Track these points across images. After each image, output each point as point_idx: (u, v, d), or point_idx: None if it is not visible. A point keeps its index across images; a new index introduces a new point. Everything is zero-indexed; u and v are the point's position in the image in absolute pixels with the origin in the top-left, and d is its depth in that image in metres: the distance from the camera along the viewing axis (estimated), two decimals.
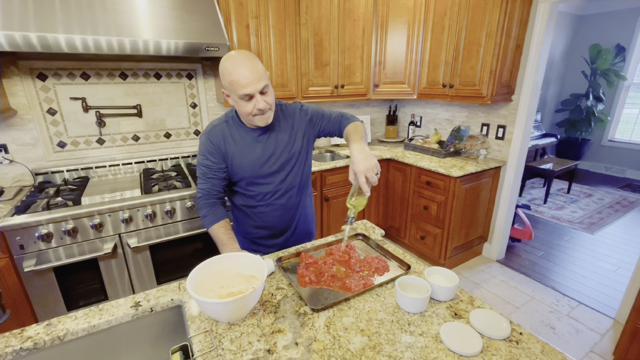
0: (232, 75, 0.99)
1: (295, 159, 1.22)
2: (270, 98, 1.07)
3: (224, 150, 1.15)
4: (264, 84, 1.01)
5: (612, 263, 2.75)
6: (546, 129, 5.29)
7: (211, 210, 1.16)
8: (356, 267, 1.05)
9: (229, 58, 1.02)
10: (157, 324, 0.92)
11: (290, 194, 1.25)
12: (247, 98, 1.02)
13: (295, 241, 1.35)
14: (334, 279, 1.00)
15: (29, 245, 1.50)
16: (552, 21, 2.21)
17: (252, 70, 0.99)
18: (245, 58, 1.00)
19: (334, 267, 1.05)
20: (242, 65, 0.99)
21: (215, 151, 1.14)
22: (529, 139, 2.47)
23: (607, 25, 4.75)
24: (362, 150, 1.00)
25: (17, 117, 1.84)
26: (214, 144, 1.14)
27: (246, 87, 0.99)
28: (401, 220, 2.81)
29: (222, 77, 1.04)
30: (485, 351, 0.74)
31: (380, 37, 2.69)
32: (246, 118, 1.09)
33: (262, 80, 1.01)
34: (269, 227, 1.28)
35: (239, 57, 1.01)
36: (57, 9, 1.49)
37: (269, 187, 1.21)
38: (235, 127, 1.16)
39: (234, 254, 0.94)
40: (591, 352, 1.85)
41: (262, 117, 1.08)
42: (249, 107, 1.04)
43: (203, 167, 1.16)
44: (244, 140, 1.16)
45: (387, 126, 3.38)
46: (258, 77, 1.00)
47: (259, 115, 1.07)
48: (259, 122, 1.09)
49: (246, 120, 1.11)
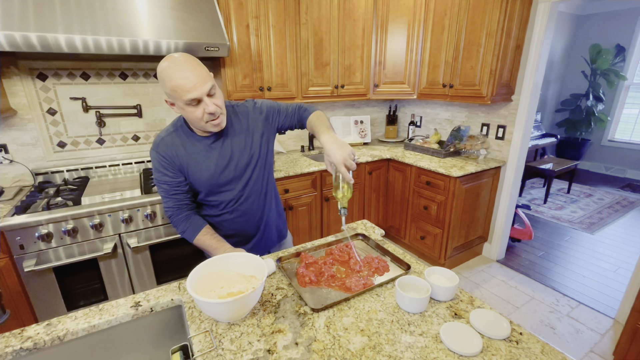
0: (174, 80, 0.90)
1: (255, 161, 1.15)
2: (220, 100, 0.99)
3: (178, 163, 1.06)
4: (210, 85, 0.94)
5: (612, 263, 2.75)
6: (546, 129, 5.29)
7: (188, 223, 1.10)
8: (356, 267, 1.05)
9: (168, 61, 0.92)
10: (157, 324, 0.92)
11: (253, 198, 1.19)
12: (195, 103, 0.94)
13: (265, 244, 1.30)
14: (334, 279, 1.00)
15: (29, 245, 1.50)
16: (552, 21, 2.21)
17: (195, 73, 0.91)
18: (186, 60, 0.92)
19: (334, 267, 1.05)
20: (183, 68, 0.91)
21: (169, 164, 1.06)
22: (529, 139, 2.47)
23: (607, 25, 4.75)
24: (335, 140, 0.98)
25: (17, 117, 1.84)
26: (167, 158, 1.05)
27: (191, 92, 0.91)
28: (401, 220, 2.81)
29: (162, 83, 0.94)
30: (485, 351, 0.74)
31: (380, 37, 2.69)
32: (197, 125, 1.00)
33: (208, 81, 0.94)
34: (236, 234, 1.22)
35: (179, 60, 0.92)
36: (57, 9, 1.49)
37: (230, 195, 1.14)
38: (185, 136, 1.07)
39: (234, 254, 0.94)
40: (591, 352, 1.85)
41: (215, 122, 0.99)
42: (198, 113, 0.95)
43: (163, 184, 1.08)
44: (196, 149, 1.07)
45: (387, 126, 3.38)
46: (203, 79, 0.92)
47: (211, 122, 0.99)
48: (211, 128, 1.01)
49: (197, 127, 1.02)
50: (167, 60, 0.93)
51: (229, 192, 1.14)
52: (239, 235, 1.24)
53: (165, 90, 0.95)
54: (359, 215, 2.78)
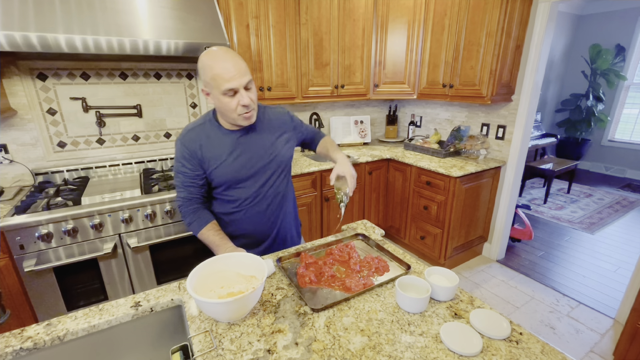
0: (215, 69, 0.96)
1: (277, 163, 1.18)
2: (254, 95, 1.04)
3: (200, 156, 1.09)
4: (248, 79, 0.99)
5: (612, 263, 2.75)
6: (546, 129, 5.29)
7: (195, 216, 1.12)
8: (356, 267, 1.05)
9: (209, 53, 0.98)
10: (157, 324, 0.92)
11: (269, 200, 1.20)
12: (231, 93, 0.98)
13: (278, 250, 1.29)
14: (334, 279, 1.00)
15: (29, 245, 1.50)
16: (552, 21, 2.21)
17: (235, 65, 0.96)
18: (227, 52, 0.98)
19: (334, 267, 1.05)
20: (224, 59, 0.96)
21: (191, 157, 1.08)
22: (529, 139, 2.47)
23: (607, 25, 4.75)
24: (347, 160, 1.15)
25: (17, 117, 1.84)
26: (189, 150, 1.08)
27: (230, 81, 0.95)
28: (401, 220, 2.81)
29: (202, 73, 0.99)
30: (485, 351, 0.74)
31: (380, 37, 2.69)
32: (229, 117, 1.04)
33: (246, 75, 0.98)
34: (246, 235, 1.22)
35: (221, 52, 0.97)
36: (57, 9, 1.49)
37: (247, 192, 1.16)
38: (212, 129, 1.10)
39: (234, 254, 0.94)
40: (591, 352, 1.85)
41: (247, 115, 1.03)
42: (232, 104, 0.99)
43: (180, 174, 1.11)
44: (222, 142, 1.10)
45: (387, 126, 3.38)
46: (242, 72, 0.97)
47: (243, 115, 1.03)
48: (242, 122, 1.05)
49: (229, 119, 1.06)
50: (209, 51, 0.99)
51: (245, 189, 1.16)
52: (249, 236, 1.23)
53: (204, 79, 1.00)
54: (359, 215, 2.78)
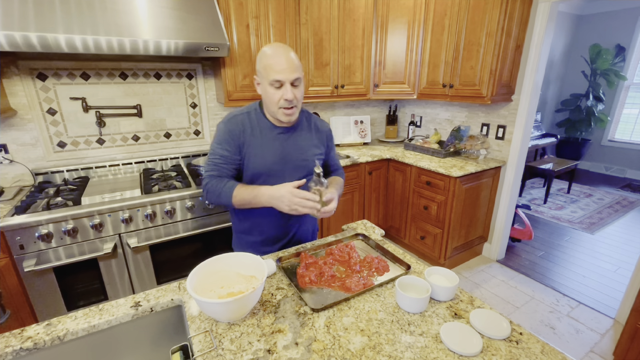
0: (269, 59, 1.02)
1: (308, 167, 1.21)
2: (300, 94, 1.07)
3: (242, 141, 1.12)
4: (296, 76, 1.03)
5: (612, 263, 2.75)
6: (546, 129, 5.29)
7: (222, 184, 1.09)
8: (356, 267, 1.05)
9: (269, 45, 1.06)
10: (157, 324, 0.92)
11: None
12: (277, 85, 1.03)
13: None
14: (334, 279, 1.00)
15: (29, 245, 1.50)
16: (552, 21, 2.21)
17: (288, 60, 1.02)
18: (283, 48, 1.04)
19: (334, 267, 1.05)
20: (280, 53, 1.02)
21: (232, 140, 1.11)
22: (529, 139, 2.47)
23: (607, 25, 4.75)
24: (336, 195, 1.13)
25: (17, 117, 1.84)
26: (233, 133, 1.11)
27: (279, 73, 1.01)
28: (401, 220, 2.81)
29: (258, 61, 1.06)
30: (485, 351, 0.74)
31: (380, 37, 2.69)
32: (272, 108, 1.08)
33: (296, 72, 1.03)
34: (262, 232, 1.24)
35: (279, 46, 1.05)
36: (57, 9, 1.49)
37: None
38: (257, 119, 1.15)
39: (234, 254, 0.94)
40: (591, 352, 1.85)
41: (287, 112, 1.07)
42: (276, 96, 1.04)
43: (217, 156, 1.12)
44: (262, 133, 1.14)
45: (387, 126, 3.38)
46: (292, 68, 1.02)
47: (284, 109, 1.06)
48: (282, 117, 1.08)
49: (271, 111, 1.10)
50: (269, 44, 1.07)
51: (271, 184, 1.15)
52: (265, 234, 1.24)
53: (257, 68, 1.07)
54: (359, 215, 2.78)
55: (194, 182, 1.94)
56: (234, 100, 2.18)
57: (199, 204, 1.86)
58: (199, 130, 2.40)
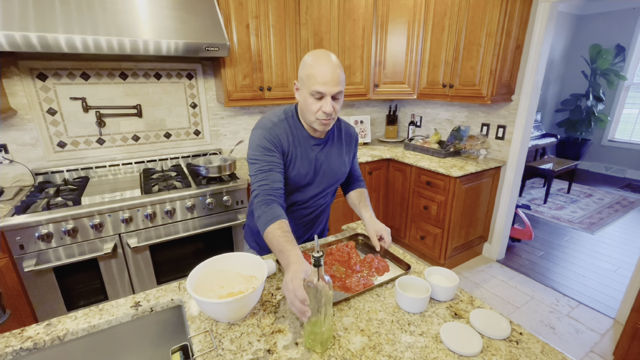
0: (313, 69, 0.98)
1: (337, 177, 1.21)
2: (339, 107, 1.04)
3: (286, 148, 1.08)
4: (338, 90, 0.99)
5: (612, 263, 2.75)
6: (546, 129, 5.29)
7: (267, 208, 0.98)
8: (356, 267, 1.05)
9: (314, 52, 1.01)
10: (157, 324, 0.92)
11: (314, 208, 1.23)
12: (318, 96, 0.99)
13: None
14: (334, 278, 1.00)
15: (29, 245, 1.50)
16: (552, 21, 2.21)
17: (333, 73, 0.98)
18: (329, 58, 0.99)
19: (334, 267, 1.05)
20: (326, 64, 0.98)
21: (278, 146, 1.06)
22: (529, 139, 2.47)
23: (607, 25, 4.75)
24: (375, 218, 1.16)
25: (17, 117, 1.84)
26: (278, 139, 1.07)
27: (322, 85, 0.97)
28: (401, 220, 2.81)
29: (301, 68, 1.02)
30: (485, 351, 0.74)
31: (380, 37, 2.69)
32: (308, 117, 1.05)
33: (339, 86, 0.99)
34: None
35: (326, 56, 1.00)
36: (57, 9, 1.49)
37: (303, 196, 1.17)
38: (295, 127, 1.11)
39: (234, 254, 0.94)
40: (591, 352, 1.85)
41: (324, 122, 1.04)
42: (315, 107, 1.00)
43: (264, 162, 1.04)
44: (301, 144, 1.11)
45: (387, 126, 3.38)
46: (336, 81, 0.98)
47: (321, 120, 1.03)
48: (318, 126, 1.05)
49: (307, 119, 1.07)
50: (315, 51, 1.02)
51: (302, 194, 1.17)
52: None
53: (300, 74, 1.03)
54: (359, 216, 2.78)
55: (194, 182, 1.94)
56: (234, 100, 2.18)
57: (199, 204, 1.86)
58: (199, 130, 2.40)
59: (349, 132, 1.24)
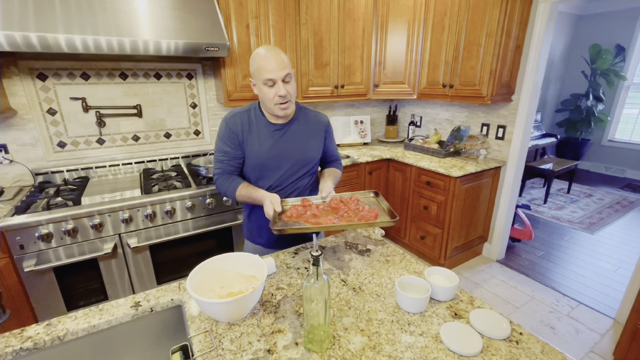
0: (260, 61, 1.10)
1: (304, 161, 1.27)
2: (292, 89, 1.15)
3: (242, 138, 1.21)
4: (286, 73, 1.11)
5: (612, 263, 2.75)
6: (546, 129, 5.29)
7: (228, 180, 1.22)
8: (342, 213, 1.06)
9: (259, 49, 1.14)
10: (157, 324, 0.92)
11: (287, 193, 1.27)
12: (270, 84, 1.11)
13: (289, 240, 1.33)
14: (313, 217, 1.02)
15: (29, 245, 1.50)
16: (552, 21, 2.21)
17: (277, 60, 1.10)
18: (272, 49, 1.13)
19: (324, 212, 1.06)
20: (269, 54, 1.11)
21: (233, 138, 1.20)
22: (529, 139, 2.47)
23: (607, 25, 4.75)
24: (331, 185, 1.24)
25: (17, 117, 1.84)
26: (233, 131, 1.20)
27: (270, 72, 1.09)
28: (401, 220, 2.81)
29: (251, 65, 1.15)
30: (485, 351, 0.74)
31: (380, 37, 2.68)
32: (268, 105, 1.16)
33: (285, 69, 1.11)
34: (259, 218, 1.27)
35: (268, 48, 1.13)
36: (57, 9, 1.49)
37: (269, 181, 1.25)
38: (255, 117, 1.23)
39: (234, 254, 0.94)
40: (591, 352, 1.85)
41: (282, 106, 1.14)
42: (271, 93, 1.12)
43: (221, 152, 1.23)
44: (260, 129, 1.22)
45: (387, 126, 3.38)
46: (281, 66, 1.10)
47: (279, 104, 1.13)
48: (278, 112, 1.16)
49: (268, 108, 1.18)
50: (260, 48, 1.15)
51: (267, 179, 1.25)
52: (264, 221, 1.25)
53: (252, 70, 1.15)
54: None
55: (194, 182, 1.94)
56: (234, 100, 2.18)
57: (198, 204, 1.86)
58: (199, 130, 2.40)
59: (318, 120, 1.33)
